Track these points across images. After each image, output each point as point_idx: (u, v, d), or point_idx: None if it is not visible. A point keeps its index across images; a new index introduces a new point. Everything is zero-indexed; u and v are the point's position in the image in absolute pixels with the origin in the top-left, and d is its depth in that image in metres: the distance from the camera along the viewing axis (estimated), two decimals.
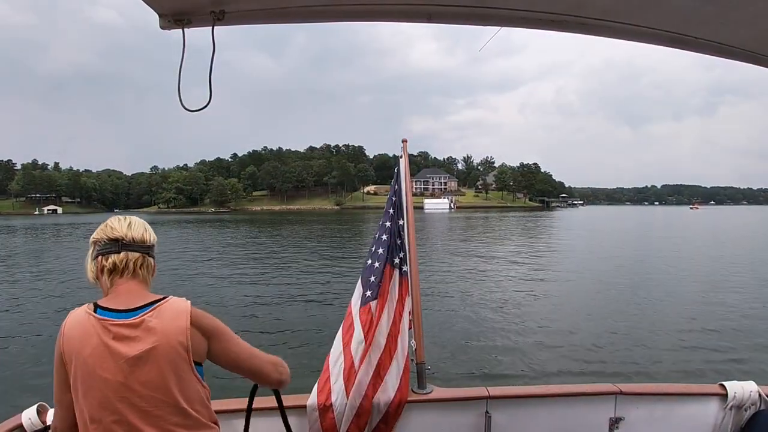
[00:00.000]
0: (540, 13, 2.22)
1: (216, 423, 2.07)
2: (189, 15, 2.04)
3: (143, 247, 2.07)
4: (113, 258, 1.98)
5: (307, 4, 2.13)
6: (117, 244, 2.00)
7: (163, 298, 1.99)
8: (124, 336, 1.84)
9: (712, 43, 2.37)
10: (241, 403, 3.08)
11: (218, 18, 2.04)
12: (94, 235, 2.06)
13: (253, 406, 3.10)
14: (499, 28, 2.33)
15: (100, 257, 2.01)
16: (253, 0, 2.07)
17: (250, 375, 2.18)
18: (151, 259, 2.11)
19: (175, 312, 1.94)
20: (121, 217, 2.10)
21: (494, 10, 2.19)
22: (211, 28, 2.07)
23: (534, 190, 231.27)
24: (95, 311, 1.88)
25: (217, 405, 3.08)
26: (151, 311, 1.91)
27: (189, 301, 1.99)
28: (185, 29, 2.07)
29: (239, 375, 2.16)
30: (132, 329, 1.85)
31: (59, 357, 1.87)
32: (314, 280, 21.18)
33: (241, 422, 3.10)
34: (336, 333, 3.45)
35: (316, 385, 3.21)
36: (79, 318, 1.87)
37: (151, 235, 2.12)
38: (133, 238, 2.03)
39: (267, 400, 3.21)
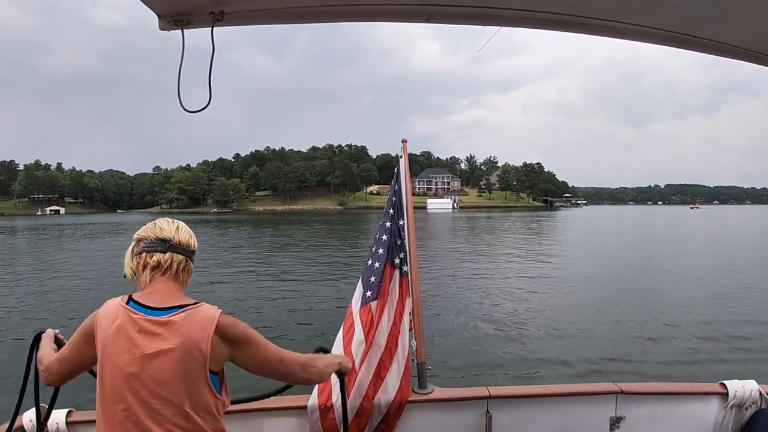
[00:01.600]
0: (540, 13, 2.22)
1: None
2: (188, 16, 2.04)
3: (188, 251, 2.14)
4: (158, 256, 2.05)
5: (307, 4, 2.13)
6: (164, 244, 2.07)
7: (195, 303, 2.02)
8: (148, 331, 1.89)
9: (712, 42, 2.37)
10: (242, 403, 3.09)
11: (218, 19, 2.05)
12: (141, 233, 2.13)
13: (253, 406, 3.11)
14: (498, 27, 2.33)
15: (144, 254, 2.07)
16: (252, 0, 2.07)
17: (279, 379, 2.27)
18: (191, 264, 2.17)
19: (203, 319, 1.96)
20: (169, 219, 2.21)
21: (494, 10, 2.20)
22: (210, 28, 2.07)
23: (537, 189, 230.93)
24: (127, 303, 1.96)
25: None
26: (180, 313, 1.95)
27: (220, 310, 2.03)
28: (185, 30, 2.08)
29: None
30: (157, 326, 1.90)
31: (88, 333, 1.99)
32: (316, 280, 21.19)
33: (241, 422, 3.11)
34: (337, 333, 3.45)
35: (316, 386, 3.19)
36: (112, 307, 1.96)
37: (195, 241, 2.21)
38: (179, 241, 2.11)
39: (268, 401, 3.21)
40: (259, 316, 14.45)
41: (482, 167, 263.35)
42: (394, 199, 3.69)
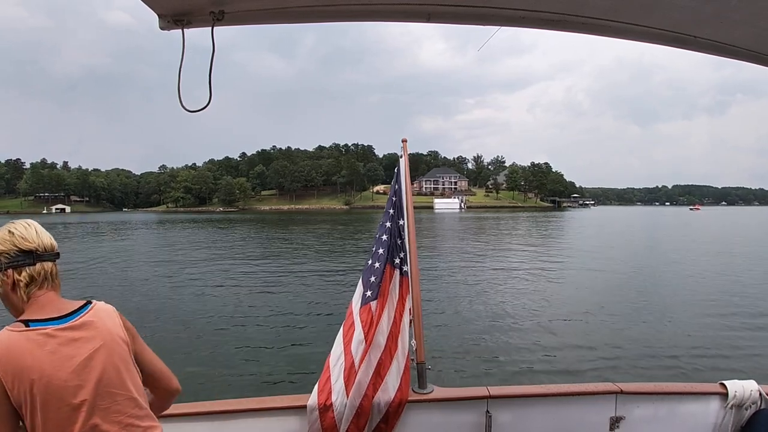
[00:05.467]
0: (540, 13, 2.23)
1: None
2: (188, 15, 2.05)
3: (54, 254, 1.97)
4: (29, 271, 1.87)
5: (307, 4, 2.13)
6: (31, 256, 1.88)
7: (87, 301, 1.97)
8: (71, 339, 1.81)
9: (713, 42, 2.37)
10: (241, 403, 3.11)
11: (218, 18, 2.06)
12: None
13: (253, 405, 3.13)
14: (498, 27, 2.34)
15: (10, 270, 1.86)
16: (252, 0, 2.08)
17: (158, 376, 2.17)
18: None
19: (107, 312, 1.97)
20: (23, 223, 1.96)
21: (494, 10, 2.20)
22: (210, 28, 2.08)
23: (545, 190, 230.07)
24: (27, 326, 1.79)
25: (217, 405, 3.11)
26: (86, 313, 1.90)
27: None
28: (185, 29, 2.08)
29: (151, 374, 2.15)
30: (76, 331, 1.83)
31: (3, 392, 1.71)
32: (317, 280, 21.27)
33: (241, 423, 3.13)
34: (337, 333, 3.46)
35: (316, 385, 3.21)
36: (10, 340, 1.73)
37: (53, 240, 2.01)
38: (45, 247, 1.93)
39: (266, 400, 3.23)
40: (261, 314, 14.55)
41: (489, 167, 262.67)
42: (394, 198, 3.70)
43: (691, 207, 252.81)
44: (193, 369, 9.65)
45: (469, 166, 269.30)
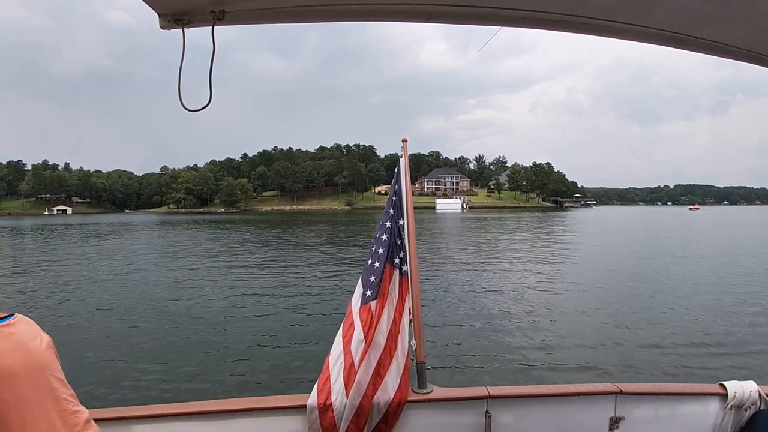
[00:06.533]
0: (540, 13, 2.22)
1: None
2: (189, 15, 2.04)
3: None
4: None
5: (307, 3, 2.13)
6: None
7: (12, 313, 2.10)
8: (9, 333, 1.95)
9: (712, 43, 2.37)
10: (240, 402, 3.11)
11: (218, 18, 2.05)
12: None
13: (251, 406, 3.14)
14: (499, 28, 2.33)
15: None
16: (253, 0, 2.08)
17: None
18: None
19: (28, 320, 2.11)
20: None
21: (494, 10, 2.20)
22: (211, 27, 2.07)
23: (547, 190, 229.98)
24: None
25: (215, 405, 3.11)
26: (15, 318, 2.04)
27: None
28: (185, 29, 2.07)
29: None
30: (11, 328, 1.97)
31: None
32: (317, 279, 21.29)
33: (241, 422, 3.12)
34: (336, 332, 3.45)
35: (316, 385, 3.19)
36: None
37: None
38: None
39: (265, 400, 3.22)
40: (261, 314, 14.54)
41: (491, 167, 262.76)
42: (394, 198, 3.69)
43: (691, 207, 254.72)
44: (191, 368, 9.68)
45: (471, 166, 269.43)
